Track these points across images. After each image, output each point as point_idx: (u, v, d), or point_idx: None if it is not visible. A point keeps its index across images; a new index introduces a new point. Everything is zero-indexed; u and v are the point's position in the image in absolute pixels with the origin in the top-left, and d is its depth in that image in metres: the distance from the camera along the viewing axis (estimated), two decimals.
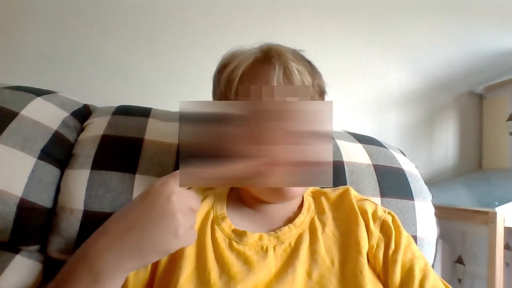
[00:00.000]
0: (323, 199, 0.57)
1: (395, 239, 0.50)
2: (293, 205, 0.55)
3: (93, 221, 0.62)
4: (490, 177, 1.15)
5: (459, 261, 0.98)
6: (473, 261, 0.94)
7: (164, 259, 0.48)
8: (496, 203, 0.84)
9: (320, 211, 0.55)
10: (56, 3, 1.10)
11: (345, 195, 0.57)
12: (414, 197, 0.73)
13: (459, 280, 0.97)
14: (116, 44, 1.11)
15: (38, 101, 0.71)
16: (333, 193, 0.58)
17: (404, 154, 0.88)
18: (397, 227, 0.52)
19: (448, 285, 0.50)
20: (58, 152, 0.67)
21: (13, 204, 0.59)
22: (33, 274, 0.62)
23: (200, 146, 0.48)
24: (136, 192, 0.64)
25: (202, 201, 0.55)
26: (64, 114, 0.72)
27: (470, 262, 0.95)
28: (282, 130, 0.42)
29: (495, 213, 0.84)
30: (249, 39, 0.59)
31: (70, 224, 0.62)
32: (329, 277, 0.46)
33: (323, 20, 1.22)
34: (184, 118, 0.47)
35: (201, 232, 0.51)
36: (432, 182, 1.19)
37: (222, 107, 0.45)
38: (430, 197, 0.76)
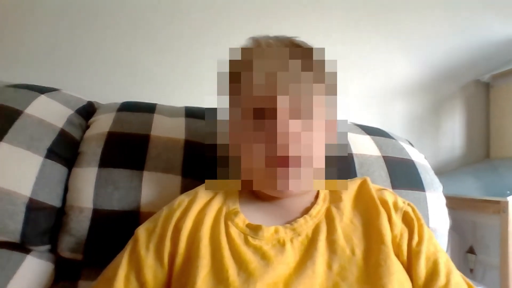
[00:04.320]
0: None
1: (418, 231, 0.50)
2: (308, 196, 0.54)
3: (103, 219, 0.61)
4: (498, 166, 1.14)
5: (471, 251, 0.98)
6: (484, 251, 0.94)
7: (179, 259, 0.47)
8: (508, 192, 0.83)
9: (336, 200, 0.53)
10: (57, 1, 1.08)
11: (363, 185, 0.56)
12: (425, 188, 0.72)
13: (471, 270, 0.97)
14: (118, 40, 1.10)
15: (42, 98, 0.70)
16: (350, 183, 0.57)
17: (412, 145, 0.87)
18: (418, 219, 0.51)
19: (470, 282, 0.49)
20: (64, 150, 0.66)
21: (22, 204, 0.59)
22: (45, 275, 0.61)
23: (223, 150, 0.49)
24: (144, 189, 0.63)
25: (212, 197, 0.54)
26: (69, 111, 0.71)
27: (482, 252, 0.95)
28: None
29: (507, 202, 0.83)
30: (253, 32, 0.58)
31: (80, 222, 0.61)
32: (350, 268, 0.45)
33: (327, 12, 1.20)
34: (209, 125, 0.48)
35: (214, 229, 0.49)
36: (440, 173, 1.18)
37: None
38: (441, 188, 0.75)
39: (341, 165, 0.53)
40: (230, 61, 0.51)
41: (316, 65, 0.50)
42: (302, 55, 0.49)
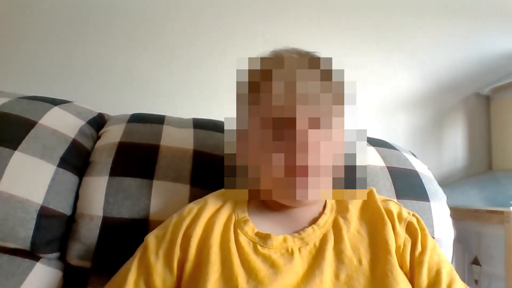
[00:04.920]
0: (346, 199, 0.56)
1: (421, 241, 0.50)
2: (316, 206, 0.55)
3: (112, 227, 0.62)
4: (501, 177, 1.15)
5: (475, 262, 0.98)
6: (489, 262, 0.93)
7: (189, 266, 0.48)
8: (511, 202, 0.84)
9: (343, 210, 0.54)
10: (69, 14, 1.12)
11: (369, 196, 0.56)
12: (430, 198, 0.73)
13: (476, 281, 0.97)
14: (127, 53, 1.13)
15: (56, 110, 0.72)
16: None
17: (415, 156, 0.88)
18: (422, 229, 0.52)
19: None
20: (76, 159, 0.68)
21: (34, 212, 0.60)
22: (54, 282, 0.62)
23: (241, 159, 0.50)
24: (154, 198, 0.65)
25: (221, 206, 0.55)
26: (81, 122, 0.73)
27: (487, 262, 0.94)
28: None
29: (511, 213, 0.83)
30: (256, 45, 0.60)
31: (90, 230, 0.62)
32: (357, 277, 0.46)
33: (328, 26, 1.23)
34: (228, 135, 0.51)
35: (224, 237, 0.50)
36: (443, 184, 1.19)
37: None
38: (445, 198, 0.76)
39: (355, 175, 0.52)
40: (249, 70, 0.52)
41: (335, 75, 0.51)
42: (321, 65, 0.50)
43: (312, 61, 0.51)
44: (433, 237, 0.69)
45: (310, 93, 0.48)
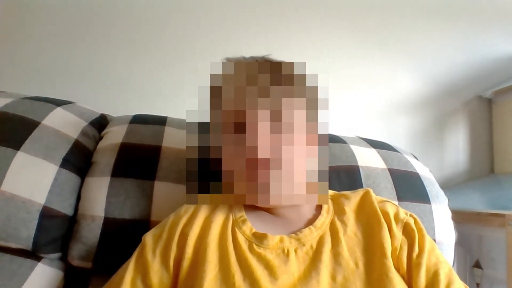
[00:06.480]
0: (343, 200, 0.56)
1: (418, 242, 0.50)
2: (311, 206, 0.55)
3: (114, 227, 0.63)
4: (503, 181, 1.14)
5: (477, 265, 0.98)
6: (491, 265, 0.93)
7: (186, 264, 0.48)
8: None
9: (340, 212, 0.54)
10: (70, 16, 1.13)
11: (366, 197, 0.56)
12: (431, 201, 0.73)
13: (477, 285, 0.96)
14: (129, 54, 1.14)
15: (58, 111, 0.72)
16: (353, 195, 0.58)
17: (416, 159, 0.88)
18: (420, 230, 0.52)
19: None
20: (78, 160, 0.68)
21: (36, 212, 0.60)
22: (55, 282, 0.62)
23: (203, 162, 0.51)
24: (156, 199, 0.65)
25: (217, 206, 0.55)
26: (83, 123, 0.74)
27: (488, 266, 0.94)
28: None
29: None
30: (259, 47, 0.60)
31: (91, 231, 0.62)
32: (354, 280, 0.46)
33: (331, 29, 1.24)
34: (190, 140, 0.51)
35: (222, 235, 0.51)
36: (444, 187, 1.19)
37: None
38: (447, 201, 0.76)
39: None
40: (211, 82, 0.54)
41: (285, 79, 0.50)
42: (271, 70, 0.50)
43: (261, 65, 0.51)
44: (434, 240, 0.69)
45: (260, 97, 0.48)
